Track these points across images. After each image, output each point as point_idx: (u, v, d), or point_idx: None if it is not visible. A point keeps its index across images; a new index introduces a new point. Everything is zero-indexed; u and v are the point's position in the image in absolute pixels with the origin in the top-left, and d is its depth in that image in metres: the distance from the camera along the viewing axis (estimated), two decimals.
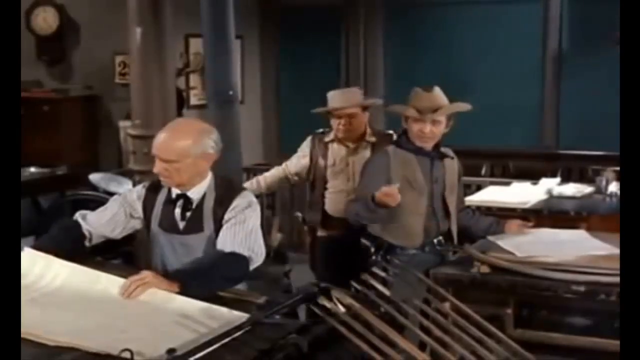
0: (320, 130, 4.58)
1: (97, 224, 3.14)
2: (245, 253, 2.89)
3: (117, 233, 3.18)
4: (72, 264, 2.77)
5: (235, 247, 2.89)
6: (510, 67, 7.38)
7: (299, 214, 4.82)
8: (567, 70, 7.22)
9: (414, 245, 3.80)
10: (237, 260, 2.87)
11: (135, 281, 2.59)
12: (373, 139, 4.40)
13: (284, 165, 4.66)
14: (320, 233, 4.54)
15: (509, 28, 7.41)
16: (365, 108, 4.40)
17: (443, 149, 3.90)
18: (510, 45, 7.38)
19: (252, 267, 2.93)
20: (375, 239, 3.85)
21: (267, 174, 4.70)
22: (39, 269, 2.73)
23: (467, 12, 7.60)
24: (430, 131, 3.75)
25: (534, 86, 7.35)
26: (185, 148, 2.94)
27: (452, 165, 3.93)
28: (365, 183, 3.84)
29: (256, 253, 2.95)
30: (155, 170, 2.99)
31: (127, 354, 2.02)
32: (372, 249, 3.85)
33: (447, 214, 3.86)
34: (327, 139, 4.49)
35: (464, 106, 3.87)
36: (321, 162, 4.48)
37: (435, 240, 3.83)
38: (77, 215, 3.16)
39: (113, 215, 3.14)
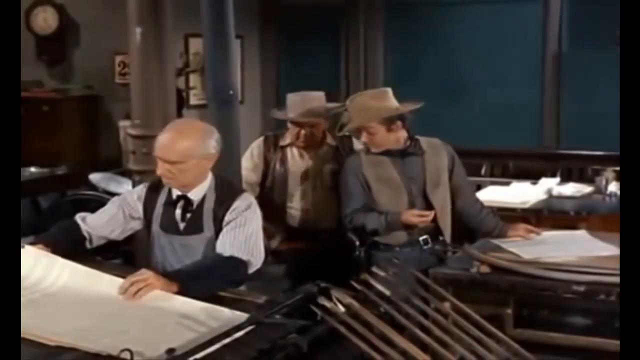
0: (271, 133, 4.23)
1: (96, 225, 3.14)
2: (244, 257, 2.89)
3: (116, 234, 3.18)
4: (75, 264, 2.78)
5: (235, 250, 2.89)
6: (510, 67, 7.36)
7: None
8: (567, 70, 7.21)
9: (397, 242, 3.80)
10: (236, 264, 2.87)
11: (137, 282, 2.58)
12: (334, 142, 4.12)
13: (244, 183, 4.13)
14: (281, 246, 4.16)
15: (509, 28, 7.40)
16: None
17: (424, 141, 3.84)
18: (510, 45, 7.36)
19: (251, 270, 2.94)
20: (360, 234, 3.85)
21: None
22: (41, 269, 2.73)
23: (467, 12, 7.58)
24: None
25: (534, 86, 7.33)
26: (189, 149, 2.94)
27: (434, 159, 3.85)
28: (347, 190, 3.84)
29: (255, 257, 2.95)
30: (159, 172, 2.98)
31: (127, 354, 2.02)
32: (357, 243, 3.86)
33: (430, 210, 3.78)
34: (282, 142, 4.14)
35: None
36: (279, 168, 4.10)
37: (421, 239, 3.81)
38: (77, 217, 3.17)
39: (112, 216, 3.15)
